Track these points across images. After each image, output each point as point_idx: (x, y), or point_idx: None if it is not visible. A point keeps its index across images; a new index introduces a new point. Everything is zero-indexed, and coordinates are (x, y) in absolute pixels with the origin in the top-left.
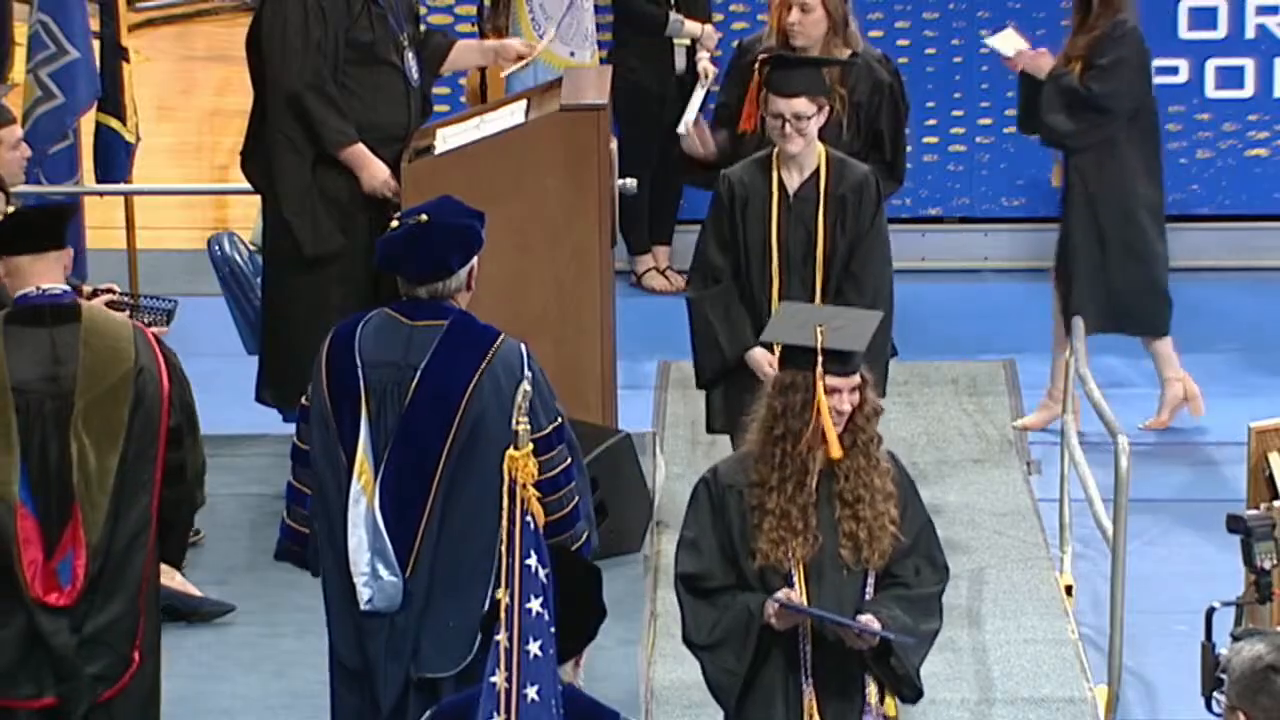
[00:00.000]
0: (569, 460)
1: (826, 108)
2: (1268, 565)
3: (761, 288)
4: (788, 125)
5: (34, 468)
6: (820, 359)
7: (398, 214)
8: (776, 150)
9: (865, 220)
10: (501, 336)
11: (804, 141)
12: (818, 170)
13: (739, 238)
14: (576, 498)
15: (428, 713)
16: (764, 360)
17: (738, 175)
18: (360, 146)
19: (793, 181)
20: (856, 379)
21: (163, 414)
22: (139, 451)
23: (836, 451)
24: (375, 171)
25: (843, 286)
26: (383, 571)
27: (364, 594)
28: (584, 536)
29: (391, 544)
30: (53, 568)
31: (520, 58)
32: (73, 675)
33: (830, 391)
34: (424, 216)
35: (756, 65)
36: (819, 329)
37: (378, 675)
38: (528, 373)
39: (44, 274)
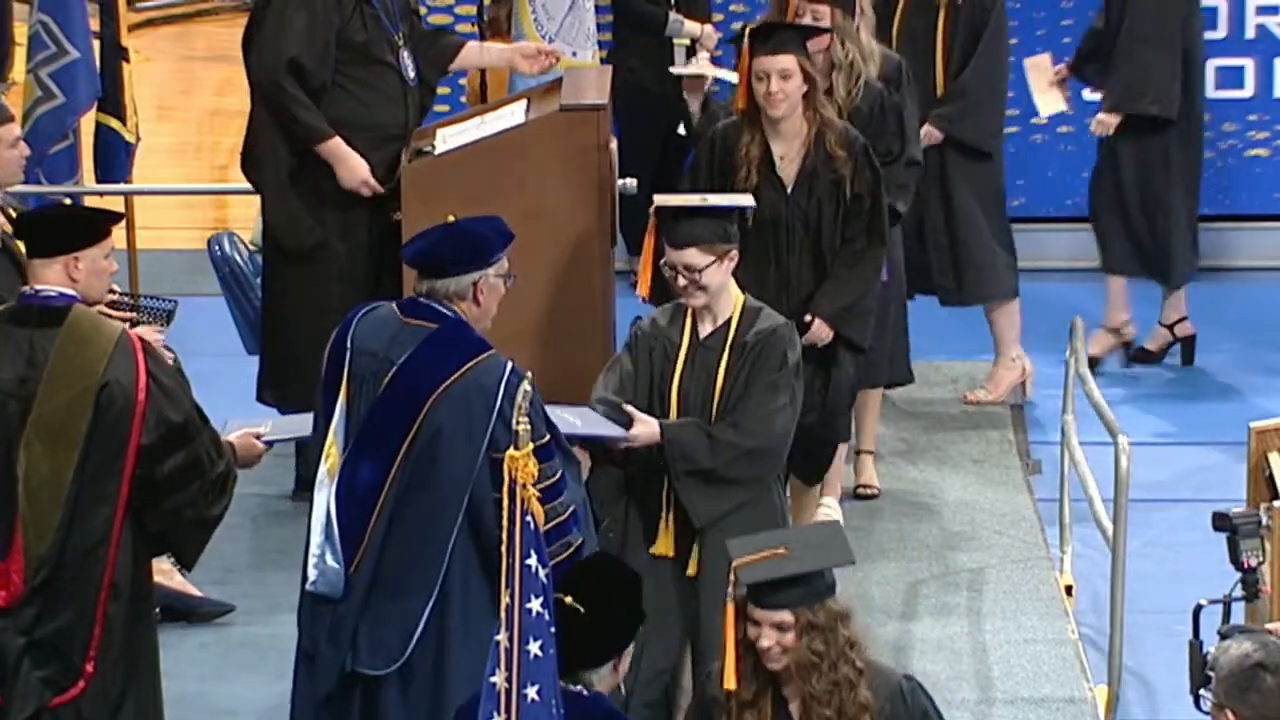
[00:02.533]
0: (551, 479)
1: (732, 252)
2: (1254, 563)
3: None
4: (680, 277)
5: None
6: (733, 578)
7: (398, 213)
8: None
9: (770, 368)
10: (488, 352)
11: (705, 295)
12: (730, 319)
13: (636, 382)
14: (558, 517)
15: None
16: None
17: (651, 320)
18: (336, 141)
19: (704, 330)
20: (780, 616)
21: (131, 431)
22: (100, 465)
23: (730, 683)
24: (353, 168)
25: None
26: (329, 557)
27: (310, 575)
28: (578, 543)
29: (341, 533)
30: (3, 568)
31: (540, 54)
32: (14, 677)
33: (749, 620)
34: (452, 217)
35: (652, 212)
36: (757, 552)
37: (317, 660)
38: (528, 373)
39: (42, 276)
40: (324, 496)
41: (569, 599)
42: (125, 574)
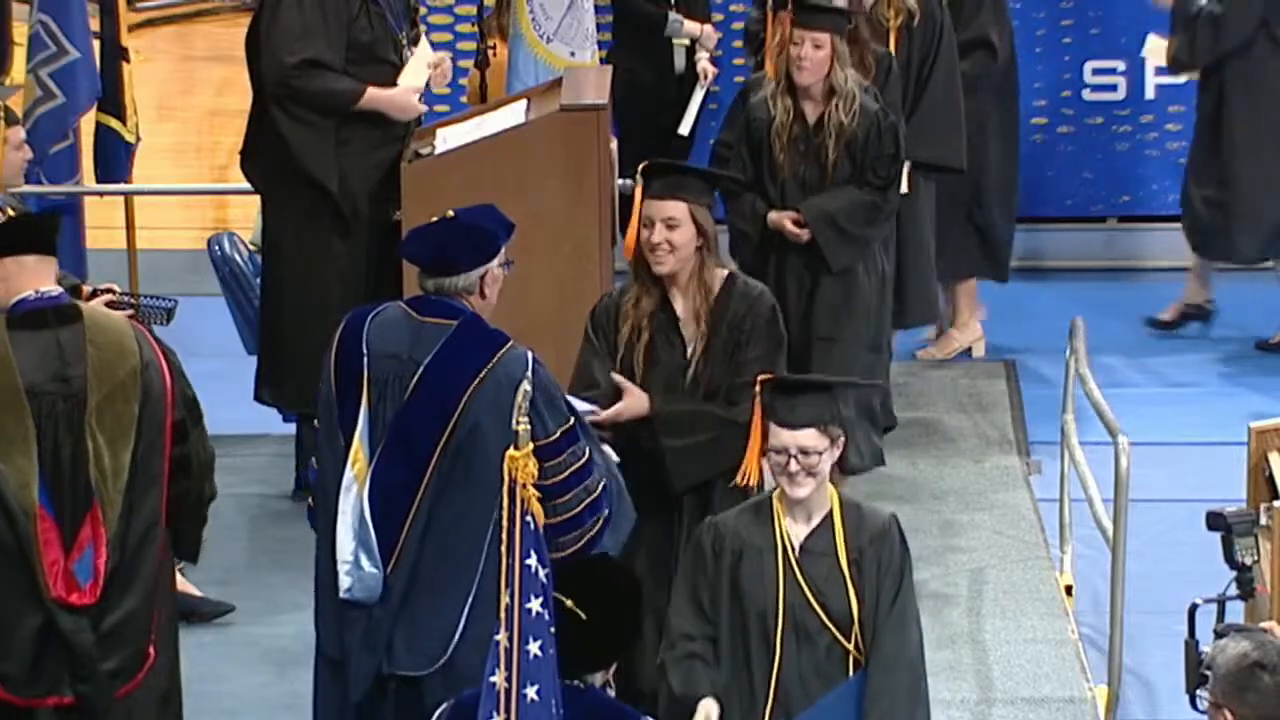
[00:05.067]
0: (582, 460)
1: (842, 438)
2: (1249, 561)
3: (759, 661)
4: (794, 463)
5: (49, 470)
6: None
7: (398, 212)
8: (777, 493)
9: (891, 582)
10: (509, 343)
11: (814, 483)
12: (829, 517)
13: (722, 598)
14: (590, 496)
15: (446, 704)
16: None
17: (730, 525)
18: (372, 90)
19: (798, 532)
20: None
21: (167, 408)
22: (149, 446)
23: None
24: (399, 104)
25: (869, 668)
26: (364, 562)
27: (344, 582)
28: (595, 528)
29: (377, 536)
30: (70, 567)
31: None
32: (93, 673)
33: None
34: (451, 213)
35: (757, 388)
36: None
37: (350, 666)
38: (529, 375)
39: (41, 277)
40: (351, 503)
41: (569, 602)
42: (166, 555)
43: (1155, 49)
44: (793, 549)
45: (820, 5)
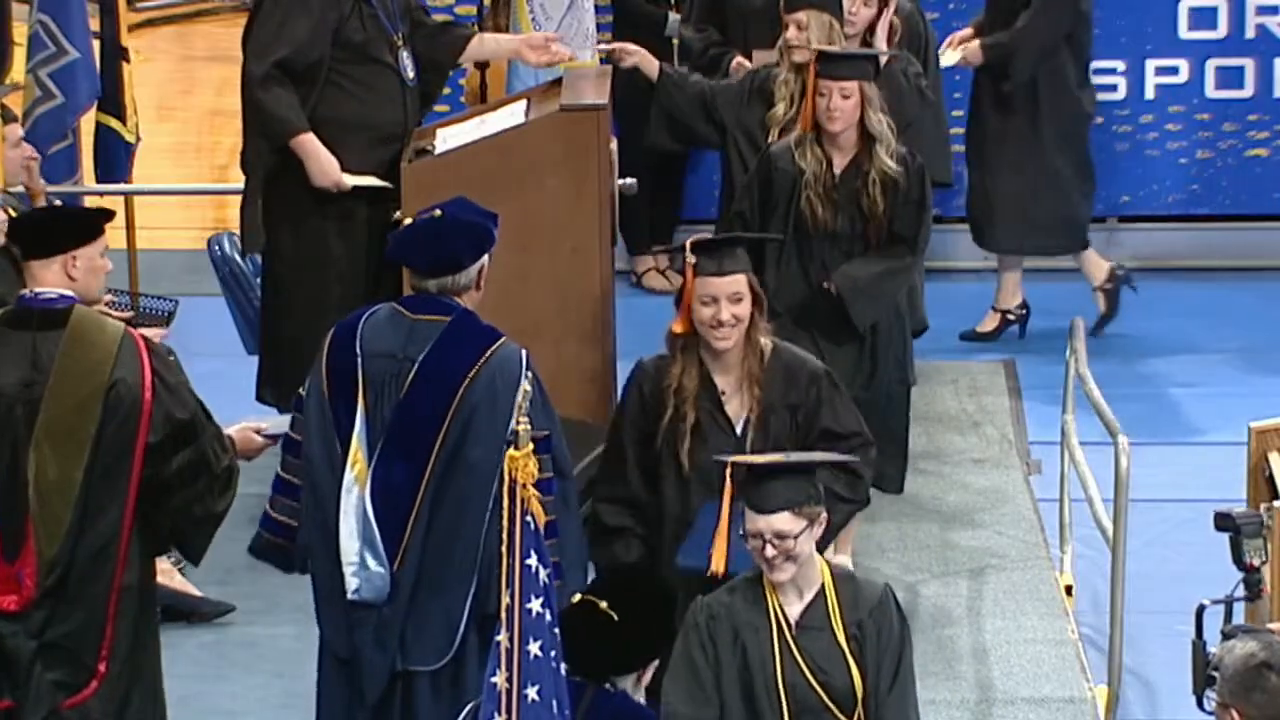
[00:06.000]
0: (549, 475)
1: (823, 515)
2: (1257, 562)
3: None
4: (769, 547)
5: (2, 471)
6: None
7: (399, 212)
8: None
9: (891, 658)
10: (503, 338)
11: (794, 566)
12: (822, 592)
13: (726, 680)
14: (554, 515)
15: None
16: None
17: (724, 603)
18: (309, 137)
19: (793, 609)
20: None
21: (140, 430)
22: (109, 465)
23: None
24: (324, 165)
25: None
26: (371, 562)
27: (352, 583)
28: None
29: (381, 535)
30: (13, 572)
31: (548, 43)
32: (26, 680)
33: None
34: (438, 212)
35: (728, 472)
36: None
37: (364, 665)
38: (528, 373)
39: (40, 277)
40: (354, 504)
41: (603, 604)
42: (134, 573)
43: (948, 57)
44: (789, 626)
45: (843, 54)
